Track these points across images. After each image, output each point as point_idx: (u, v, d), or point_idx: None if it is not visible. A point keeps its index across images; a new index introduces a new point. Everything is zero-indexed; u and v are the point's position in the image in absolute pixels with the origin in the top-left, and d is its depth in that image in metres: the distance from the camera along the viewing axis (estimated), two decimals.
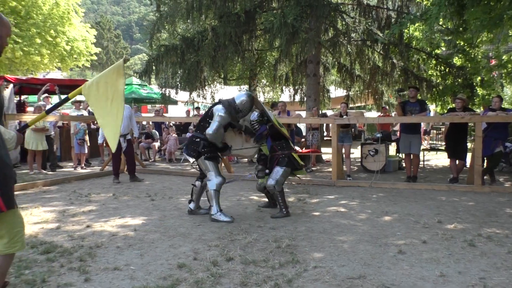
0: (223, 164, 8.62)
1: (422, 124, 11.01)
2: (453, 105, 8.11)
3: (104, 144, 8.10)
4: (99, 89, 3.17)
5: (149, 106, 23.89)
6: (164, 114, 15.97)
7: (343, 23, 10.72)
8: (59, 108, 2.91)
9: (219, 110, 4.95)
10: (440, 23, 8.29)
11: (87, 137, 9.96)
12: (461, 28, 7.83)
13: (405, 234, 4.28)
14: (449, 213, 5.25)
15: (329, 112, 14.48)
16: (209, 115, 5.09)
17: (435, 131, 17.74)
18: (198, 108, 14.51)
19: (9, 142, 2.48)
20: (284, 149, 5.26)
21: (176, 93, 12.82)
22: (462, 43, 9.77)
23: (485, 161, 7.51)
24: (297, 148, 9.42)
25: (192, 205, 5.30)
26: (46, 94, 9.74)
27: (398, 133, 9.81)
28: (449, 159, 8.04)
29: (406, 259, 3.52)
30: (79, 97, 12.78)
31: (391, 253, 3.67)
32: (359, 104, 16.94)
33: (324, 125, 14.61)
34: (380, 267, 3.34)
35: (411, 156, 7.82)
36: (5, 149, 2.39)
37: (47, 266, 3.30)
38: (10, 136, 2.51)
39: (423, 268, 3.31)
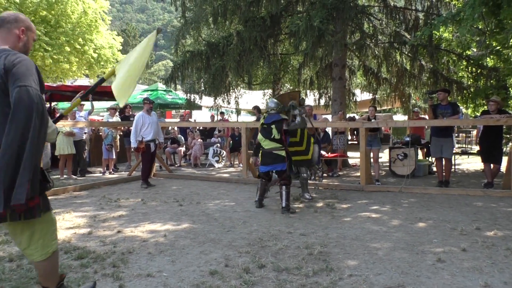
0: (248, 169, 8.59)
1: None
2: (486, 107, 7.83)
3: (132, 149, 8.26)
4: (129, 60, 3.13)
5: (173, 112, 24.14)
6: (189, 120, 16.11)
7: (370, 25, 10.55)
8: (92, 91, 3.02)
9: None
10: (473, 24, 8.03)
11: (118, 140, 10.15)
12: (496, 29, 7.55)
13: (442, 242, 4.12)
14: (487, 219, 5.04)
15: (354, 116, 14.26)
16: None
17: (464, 135, 17.26)
18: (222, 113, 14.54)
19: (52, 135, 2.48)
20: None
21: (200, 98, 12.87)
22: (494, 44, 9.44)
23: None
24: (323, 152, 9.30)
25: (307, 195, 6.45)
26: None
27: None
28: (482, 163, 7.76)
29: (446, 268, 3.38)
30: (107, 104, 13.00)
31: (429, 261, 3.53)
32: (385, 108, 16.64)
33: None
34: (419, 276, 3.21)
35: (443, 160, 7.59)
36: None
37: (81, 272, 3.32)
38: (53, 128, 2.47)
39: (466, 278, 3.16)
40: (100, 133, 10.72)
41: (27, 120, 2.10)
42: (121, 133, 10.81)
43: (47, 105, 11.50)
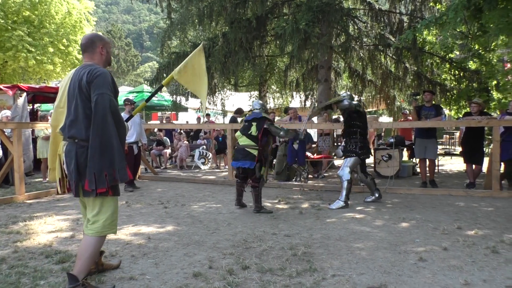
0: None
1: None
2: (468, 109, 7.98)
3: None
4: (187, 71, 4.07)
5: (159, 114, 24.01)
6: (173, 121, 16.05)
7: (355, 28, 10.66)
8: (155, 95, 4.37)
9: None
10: (456, 27, 8.19)
11: None
12: (478, 32, 7.70)
13: (424, 241, 4.17)
14: (469, 219, 5.13)
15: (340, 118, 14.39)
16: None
17: (447, 136, 17.56)
18: (208, 115, 14.50)
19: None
20: None
21: (187, 100, 12.84)
22: (477, 47, 9.63)
23: (502, 165, 7.35)
24: (308, 154, 9.35)
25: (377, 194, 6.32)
26: None
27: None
28: (465, 164, 7.89)
29: (427, 267, 3.42)
30: None
31: (411, 261, 3.58)
32: (370, 109, 16.81)
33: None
34: (401, 275, 3.25)
35: (427, 161, 7.69)
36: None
37: (62, 276, 3.26)
38: (124, 126, 3.03)
39: (446, 276, 3.20)
40: None
41: (104, 118, 2.73)
42: None
43: (30, 106, 11.33)
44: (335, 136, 15.01)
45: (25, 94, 9.49)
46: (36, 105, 12.95)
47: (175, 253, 3.90)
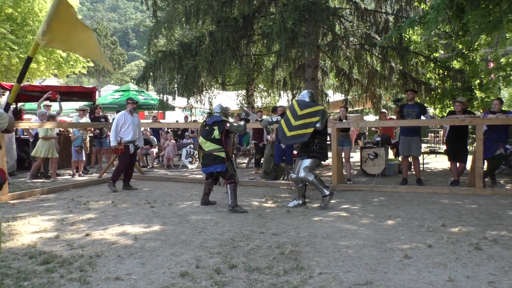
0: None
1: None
2: (453, 108, 8.10)
3: (102, 151, 8.07)
4: (56, 29, 2.90)
5: (146, 113, 23.81)
6: (160, 120, 15.94)
7: (341, 27, 10.71)
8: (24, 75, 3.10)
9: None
10: (438, 26, 8.31)
11: (87, 142, 9.99)
12: (460, 32, 7.83)
13: (409, 238, 4.23)
14: (453, 216, 5.21)
15: None
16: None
17: (432, 134, 17.81)
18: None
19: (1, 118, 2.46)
20: None
21: (174, 99, 12.77)
22: (460, 46, 9.78)
23: (485, 163, 7.48)
24: (295, 152, 9.38)
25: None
26: (47, 102, 9.68)
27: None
28: (449, 162, 8.01)
29: (412, 264, 3.47)
30: (75, 105, 12.67)
31: (396, 258, 3.62)
32: (357, 108, 16.93)
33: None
34: (387, 273, 3.28)
35: (410, 158, 7.80)
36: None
37: (46, 277, 3.22)
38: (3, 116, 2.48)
39: (431, 273, 3.25)
40: (70, 135, 10.46)
41: None
42: (91, 135, 10.57)
43: (13, 105, 11.13)
44: None
45: (8, 92, 9.32)
46: (19, 104, 12.74)
47: (162, 252, 3.88)
